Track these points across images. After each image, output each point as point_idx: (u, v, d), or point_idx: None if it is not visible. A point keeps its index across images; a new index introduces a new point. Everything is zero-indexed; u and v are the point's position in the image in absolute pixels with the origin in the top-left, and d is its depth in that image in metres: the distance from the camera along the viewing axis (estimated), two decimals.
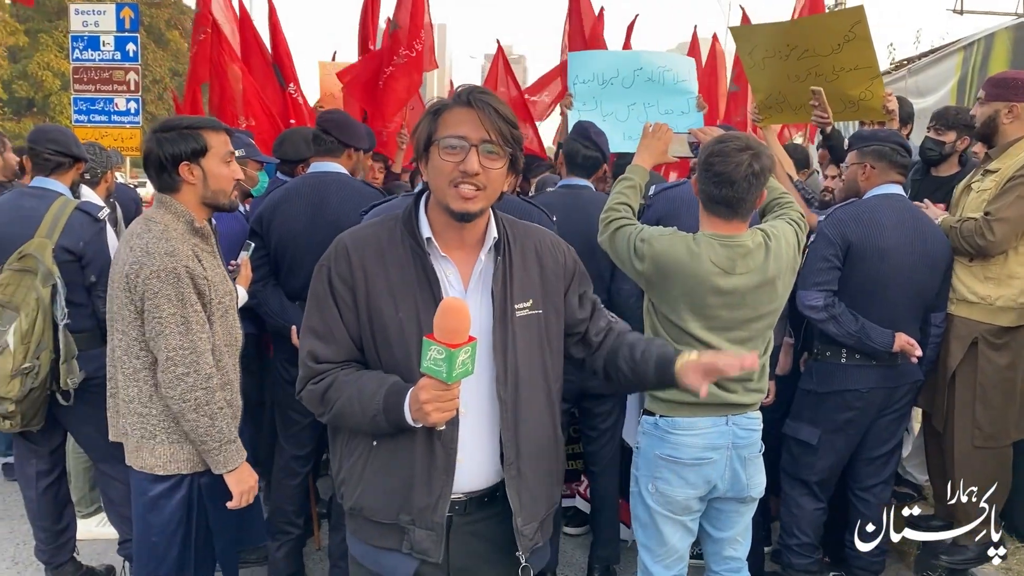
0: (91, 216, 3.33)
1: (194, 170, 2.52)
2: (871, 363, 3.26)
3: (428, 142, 1.80)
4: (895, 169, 3.35)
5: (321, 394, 1.85)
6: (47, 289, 3.15)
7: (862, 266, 3.22)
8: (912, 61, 10.10)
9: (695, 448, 2.63)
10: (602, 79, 4.93)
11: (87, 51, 10.36)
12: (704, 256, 2.54)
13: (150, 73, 29.40)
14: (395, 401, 1.73)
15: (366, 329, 1.84)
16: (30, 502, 3.55)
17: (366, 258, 1.84)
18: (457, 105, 1.78)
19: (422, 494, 1.83)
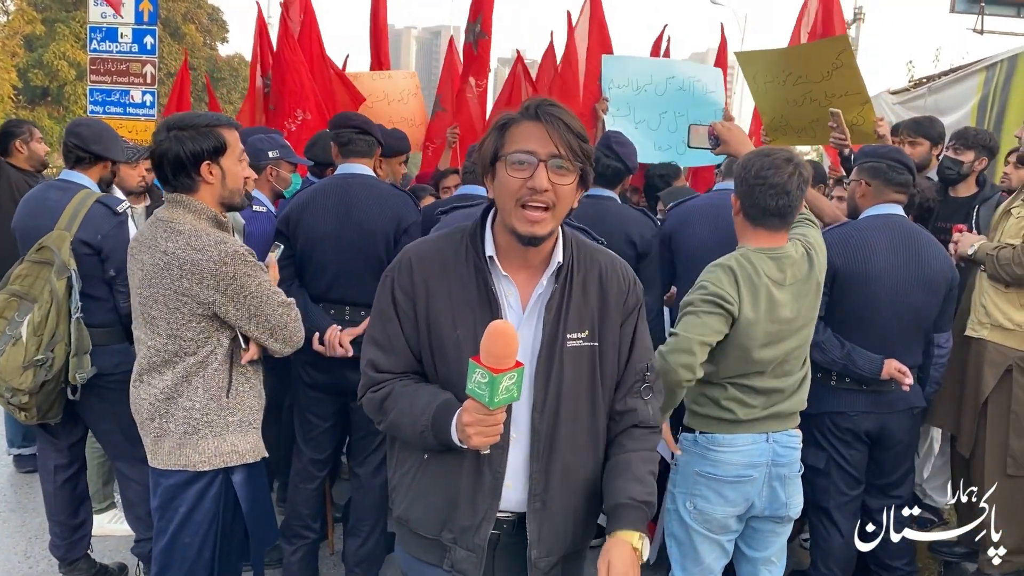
0: (111, 209, 3.29)
1: (214, 169, 2.49)
2: (861, 388, 3.20)
3: (494, 157, 1.75)
4: (892, 187, 3.25)
5: (380, 403, 1.84)
6: (62, 282, 3.13)
7: (850, 291, 3.15)
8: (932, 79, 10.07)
9: (736, 466, 2.61)
10: (636, 85, 4.92)
11: (104, 42, 10.35)
12: (760, 271, 2.55)
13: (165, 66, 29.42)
14: (443, 420, 1.71)
15: (425, 343, 1.82)
16: (48, 495, 3.54)
17: (429, 273, 1.81)
18: (525, 119, 1.72)
19: (466, 514, 1.81)
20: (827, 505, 3.30)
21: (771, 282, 2.57)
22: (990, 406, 3.43)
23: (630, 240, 3.42)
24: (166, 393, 2.48)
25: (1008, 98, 7.68)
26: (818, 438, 3.25)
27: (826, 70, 3.94)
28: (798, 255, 2.64)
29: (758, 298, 2.54)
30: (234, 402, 2.53)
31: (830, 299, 3.16)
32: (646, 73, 5.02)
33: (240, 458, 2.55)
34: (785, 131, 4.39)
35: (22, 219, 3.39)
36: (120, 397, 3.32)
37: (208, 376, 2.48)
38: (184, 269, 2.38)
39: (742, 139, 3.26)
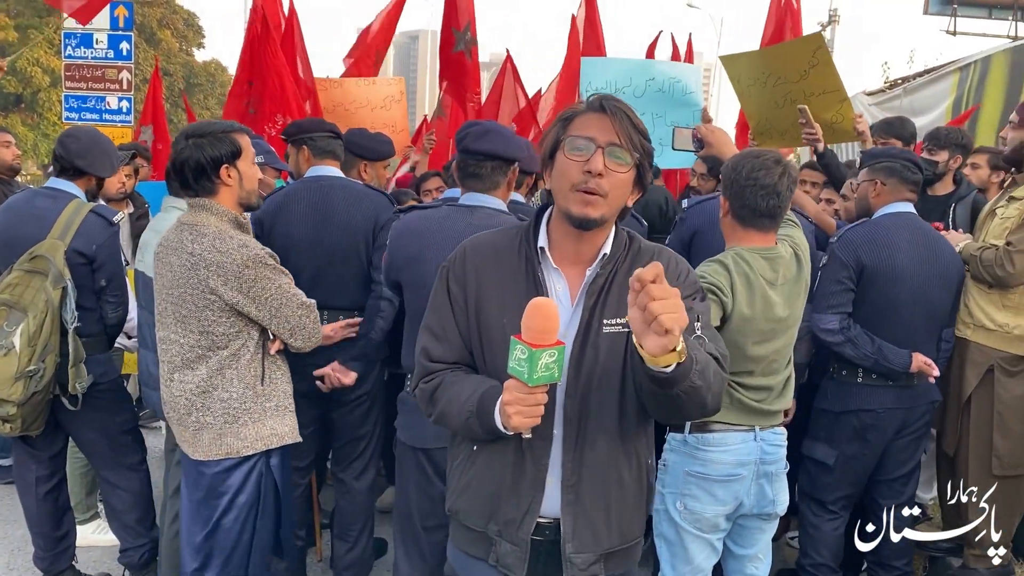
0: (106, 220, 3.28)
1: (231, 172, 2.62)
2: (887, 383, 3.24)
3: (555, 147, 1.77)
4: (906, 186, 3.33)
5: (431, 394, 1.86)
6: (57, 291, 3.10)
7: (876, 287, 3.21)
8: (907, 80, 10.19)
9: (726, 465, 2.63)
10: (615, 87, 4.92)
11: (80, 48, 10.26)
12: (755, 269, 2.58)
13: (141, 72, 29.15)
14: (488, 405, 1.72)
15: (474, 332, 1.85)
16: (28, 508, 3.48)
17: (481, 262, 1.86)
18: (589, 111, 1.75)
19: (510, 506, 1.82)
20: (823, 498, 3.35)
21: (765, 281, 2.60)
22: (973, 405, 3.48)
23: None
24: (201, 387, 2.59)
25: (982, 99, 7.80)
26: (835, 436, 3.30)
27: (803, 69, 3.95)
28: (788, 255, 2.69)
29: (754, 295, 2.57)
30: (269, 389, 2.67)
31: (856, 295, 3.21)
32: (625, 75, 5.01)
33: (280, 440, 2.68)
34: (771, 134, 4.40)
35: (8, 227, 3.31)
36: (105, 405, 3.33)
37: (242, 367, 2.61)
38: (210, 270, 2.51)
39: (726, 141, 3.30)
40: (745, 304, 2.56)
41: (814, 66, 3.92)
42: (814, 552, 3.39)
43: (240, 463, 2.62)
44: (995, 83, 7.69)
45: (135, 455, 3.49)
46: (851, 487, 3.34)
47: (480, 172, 2.80)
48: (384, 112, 5.99)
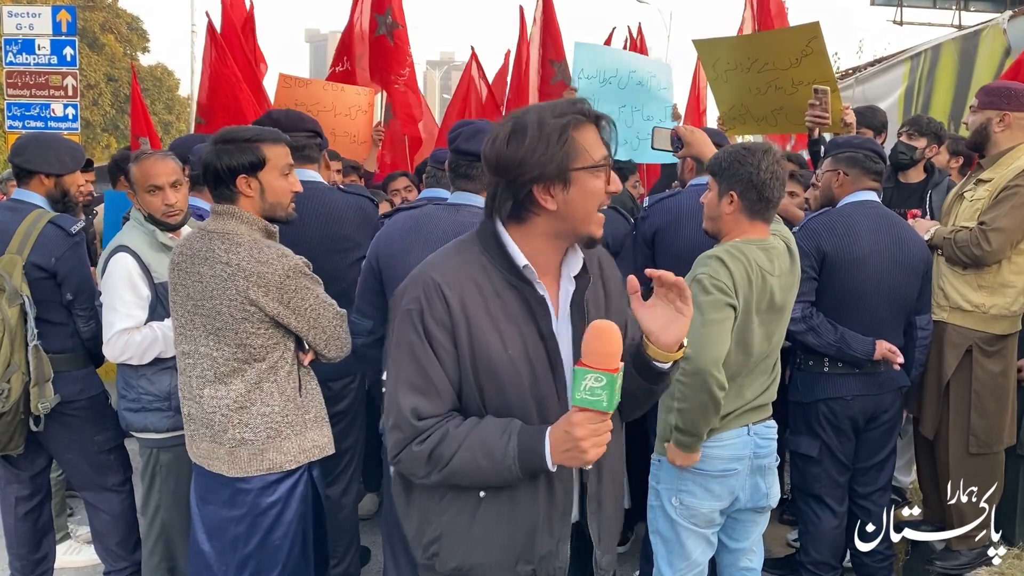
0: (64, 230, 3.14)
1: (251, 183, 2.51)
2: (853, 371, 3.27)
3: (566, 167, 1.65)
4: (869, 176, 3.36)
5: (429, 453, 1.67)
6: (14, 309, 2.99)
7: (838, 275, 3.23)
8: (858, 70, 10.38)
9: (721, 460, 2.64)
10: (603, 77, 4.89)
11: (21, 55, 10.01)
12: (752, 260, 2.59)
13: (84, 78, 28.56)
14: (532, 445, 1.62)
15: (468, 374, 1.69)
16: (8, 528, 3.39)
17: (464, 296, 1.68)
18: (588, 122, 1.69)
19: (544, 539, 1.75)
20: (818, 492, 3.36)
21: (764, 272, 2.61)
22: (952, 387, 3.52)
23: (603, 241, 3.40)
24: (239, 402, 2.49)
25: (933, 87, 7.96)
26: (813, 426, 3.31)
27: (795, 57, 3.94)
28: (781, 247, 2.71)
29: (753, 286, 2.57)
30: (307, 400, 2.62)
31: (819, 284, 3.23)
32: (613, 66, 5.00)
33: (320, 452, 2.64)
34: (744, 120, 4.41)
35: None
36: (84, 424, 3.22)
37: (281, 380, 2.54)
38: (251, 280, 2.41)
39: (705, 141, 3.32)
40: (749, 297, 2.57)
41: (807, 55, 3.93)
42: (813, 549, 3.40)
43: (284, 478, 2.55)
44: (945, 71, 7.84)
45: (116, 476, 3.36)
46: (840, 476, 3.36)
47: (472, 172, 2.78)
48: (347, 120, 5.88)
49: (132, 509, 3.42)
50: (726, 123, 4.50)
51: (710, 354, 2.46)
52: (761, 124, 4.34)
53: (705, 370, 2.44)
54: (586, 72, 4.88)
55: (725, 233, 2.70)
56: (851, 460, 3.37)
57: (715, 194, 2.70)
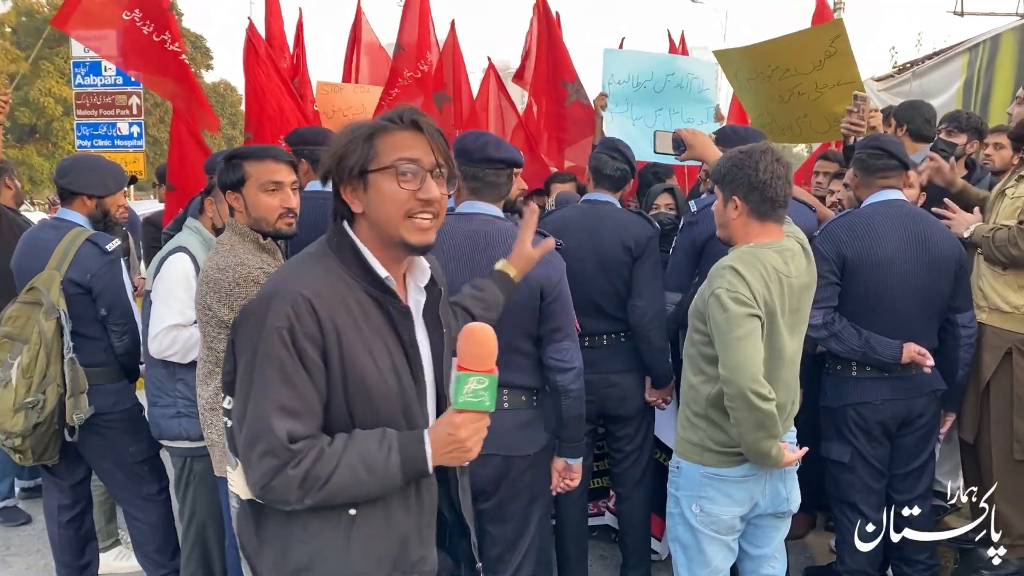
0: (100, 248, 3.26)
1: (237, 198, 2.66)
2: (883, 375, 3.19)
3: (364, 168, 1.65)
4: (875, 175, 3.26)
5: (303, 477, 1.59)
6: (51, 322, 3.11)
7: (861, 279, 3.15)
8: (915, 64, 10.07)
9: (742, 465, 2.59)
10: (636, 81, 4.87)
11: (89, 76, 10.34)
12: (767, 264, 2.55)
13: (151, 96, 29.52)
14: (413, 452, 1.63)
15: (338, 390, 1.64)
16: (52, 536, 3.52)
17: (334, 312, 1.63)
18: (401, 128, 1.67)
19: (416, 546, 1.76)
20: (853, 499, 3.29)
21: (780, 275, 2.57)
22: (992, 390, 3.40)
23: (625, 245, 3.39)
24: (210, 404, 2.63)
25: (993, 79, 7.68)
26: (843, 432, 3.24)
27: (818, 59, 3.84)
28: (796, 249, 2.66)
29: (773, 292, 2.53)
30: None
31: (842, 288, 3.17)
32: (647, 69, 4.97)
33: None
34: (770, 129, 4.32)
35: (17, 258, 3.38)
36: (119, 436, 3.33)
37: None
38: (208, 286, 2.55)
39: (707, 144, 3.29)
40: (772, 303, 2.53)
41: (831, 56, 3.82)
42: (851, 559, 3.32)
43: None
44: (1005, 62, 7.57)
45: (152, 485, 3.47)
46: (874, 482, 3.27)
47: (498, 180, 2.81)
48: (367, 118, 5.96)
49: (169, 517, 3.52)
50: None
51: (746, 372, 2.42)
52: (787, 133, 4.24)
53: (745, 389, 2.41)
54: (616, 78, 4.86)
55: (736, 239, 2.66)
56: (886, 466, 3.29)
57: (721, 201, 2.67)
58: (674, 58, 5.65)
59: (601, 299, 3.43)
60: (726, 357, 2.47)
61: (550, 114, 6.19)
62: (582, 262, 3.33)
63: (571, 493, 3.48)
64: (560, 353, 2.75)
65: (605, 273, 3.41)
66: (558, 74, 6.10)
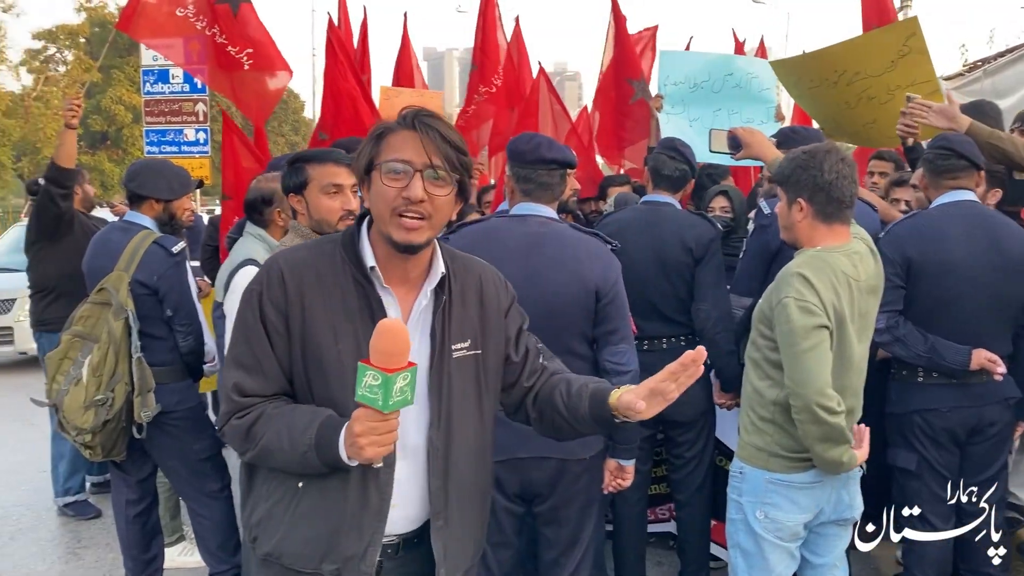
0: (166, 250, 3.34)
1: (299, 201, 2.69)
2: (951, 381, 3.08)
3: (369, 166, 1.71)
4: (942, 176, 3.16)
5: (247, 429, 1.68)
6: (119, 322, 3.20)
7: (927, 282, 3.05)
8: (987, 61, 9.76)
9: (809, 471, 2.54)
10: (693, 83, 4.84)
11: (157, 84, 10.60)
12: (836, 268, 2.49)
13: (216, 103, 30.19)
14: (329, 436, 1.60)
15: (298, 361, 1.71)
16: (120, 530, 3.61)
17: (304, 284, 1.71)
18: (402, 128, 1.69)
19: (351, 541, 1.70)
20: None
21: (849, 278, 2.50)
22: None
23: (686, 247, 3.34)
24: None
25: None
26: (909, 439, 3.15)
27: (890, 60, 3.71)
28: (864, 251, 2.60)
29: (842, 297, 2.47)
30: None
31: (907, 292, 3.08)
32: (704, 70, 4.93)
33: None
34: (837, 136, 4.21)
35: (88, 260, 3.48)
36: (183, 433, 3.40)
37: None
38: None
39: (764, 143, 3.23)
40: (841, 309, 2.47)
41: (904, 55, 3.70)
42: (919, 570, 3.21)
43: None
44: None
45: (215, 483, 3.54)
46: (942, 491, 3.16)
47: (552, 181, 2.79)
48: None
49: (231, 514, 3.58)
50: None
51: (813, 386, 2.37)
52: (855, 139, 4.12)
53: (811, 403, 2.37)
54: (672, 79, 4.82)
55: (803, 242, 2.60)
56: (955, 475, 3.17)
57: (785, 203, 2.61)
58: (733, 58, 5.58)
59: (660, 302, 3.39)
60: (793, 369, 2.42)
61: (614, 112, 6.17)
62: (641, 264, 3.29)
63: (629, 498, 3.48)
64: (617, 356, 2.72)
65: (665, 275, 3.37)
66: (624, 71, 6.07)
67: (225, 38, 5.33)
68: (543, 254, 2.65)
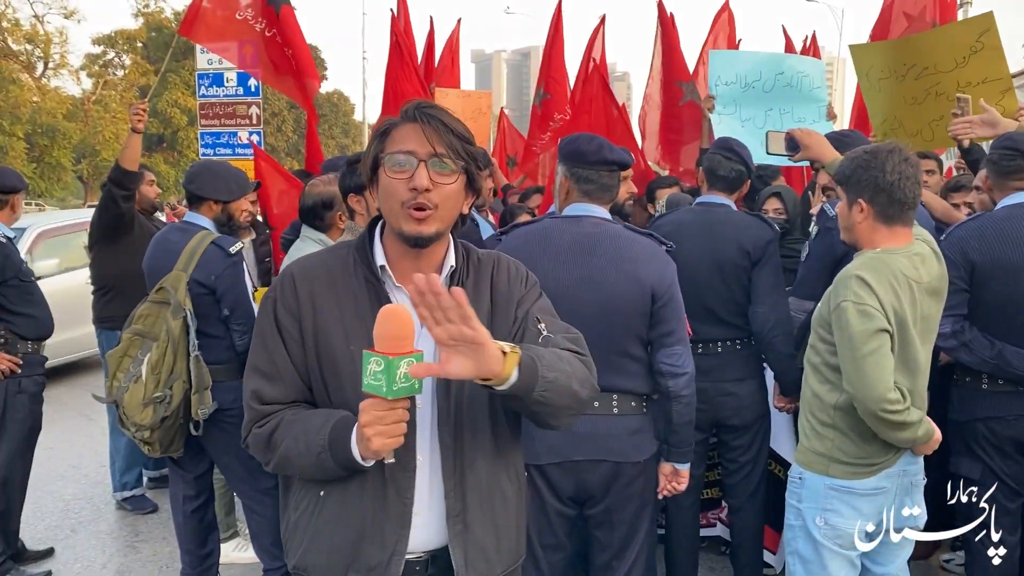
0: (224, 251, 3.39)
1: (360, 201, 2.72)
2: (1017, 389, 2.98)
3: (375, 164, 1.68)
4: (1008, 177, 3.07)
5: (267, 437, 1.67)
6: (177, 321, 3.25)
7: (993, 285, 2.95)
8: None
9: (872, 477, 2.48)
10: (744, 82, 4.79)
11: (212, 87, 10.78)
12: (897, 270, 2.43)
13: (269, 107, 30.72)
14: (342, 435, 1.57)
15: (313, 364, 1.69)
16: (178, 525, 3.68)
17: (314, 287, 1.71)
18: (404, 122, 1.66)
19: (374, 550, 1.65)
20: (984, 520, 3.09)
21: (910, 280, 2.45)
22: None
23: (744, 249, 3.29)
24: None
25: None
26: (972, 447, 3.06)
27: (962, 56, 3.63)
28: (926, 251, 2.53)
29: (903, 300, 2.41)
30: None
31: (971, 296, 2.99)
32: (755, 69, 4.88)
33: None
34: (897, 134, 4.12)
35: (148, 260, 3.55)
36: (239, 431, 3.43)
37: None
38: None
39: (823, 143, 3.16)
40: (902, 312, 2.41)
41: (977, 52, 3.62)
42: None
43: None
44: None
45: (270, 480, 3.55)
46: (1008, 502, 3.06)
47: (612, 183, 2.78)
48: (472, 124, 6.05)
49: None
50: (880, 138, 4.23)
51: (874, 391, 2.33)
52: (915, 139, 4.00)
53: (875, 408, 2.33)
54: (723, 79, 4.77)
55: (863, 243, 2.54)
56: (1022, 486, 3.07)
57: (845, 203, 2.56)
58: (784, 56, 5.51)
59: (717, 305, 3.34)
60: (853, 375, 2.37)
61: (664, 115, 6.13)
62: (697, 267, 3.25)
63: (682, 503, 3.44)
64: (672, 358, 2.69)
65: (722, 278, 3.32)
66: (673, 74, 6.03)
67: (281, 39, 5.43)
68: (599, 255, 2.63)
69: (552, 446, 2.57)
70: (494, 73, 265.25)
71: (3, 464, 3.95)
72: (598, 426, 2.62)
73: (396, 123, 1.67)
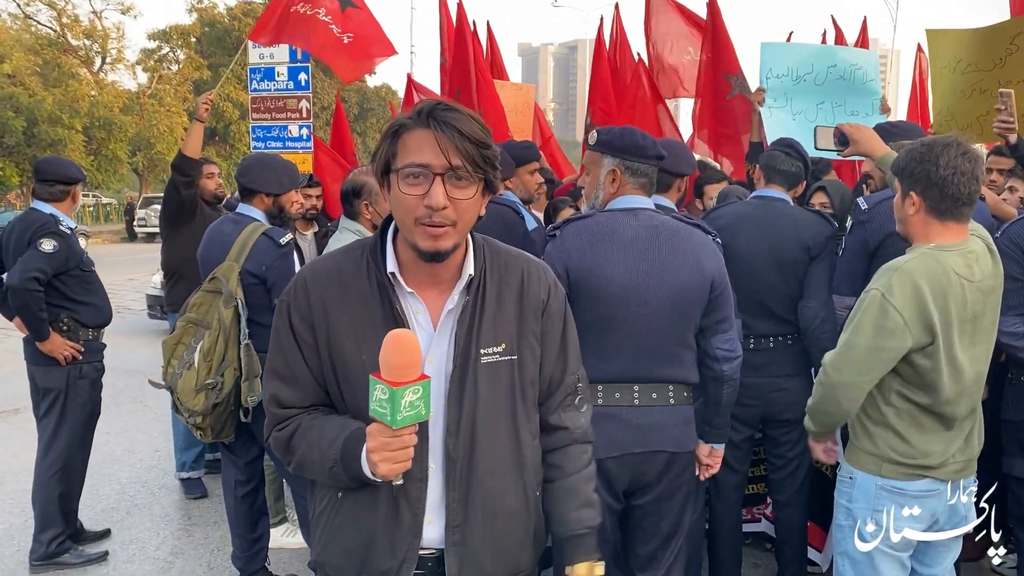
0: (275, 241, 3.48)
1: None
2: None
3: (387, 168, 1.60)
4: None
5: (286, 441, 1.68)
6: (229, 310, 3.34)
7: None
8: None
9: (925, 479, 2.45)
10: (796, 75, 4.72)
11: (263, 82, 10.90)
12: (948, 269, 2.37)
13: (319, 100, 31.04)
14: (353, 451, 1.55)
15: (328, 370, 1.67)
16: (229, 509, 3.77)
17: (327, 293, 1.66)
18: (417, 126, 1.56)
19: (384, 556, 1.65)
20: None
21: (962, 279, 2.38)
22: None
23: (804, 244, 3.26)
24: None
25: None
26: None
27: (998, 56, 3.60)
28: (980, 250, 2.47)
29: (951, 296, 2.35)
30: None
31: None
32: (807, 61, 4.80)
33: None
34: (949, 127, 4.06)
35: (202, 250, 3.65)
36: None
37: None
38: None
39: (873, 137, 3.11)
40: (947, 312, 2.35)
41: (1012, 54, 3.59)
42: None
43: None
44: None
45: None
46: None
47: (661, 179, 2.86)
48: (519, 117, 6.03)
49: None
50: (935, 128, 4.15)
51: (849, 393, 2.39)
52: (966, 133, 3.95)
53: (837, 392, 2.41)
54: (774, 72, 4.70)
55: (915, 237, 2.49)
56: None
57: (900, 195, 2.51)
58: (836, 49, 5.41)
59: (771, 299, 3.32)
60: (843, 352, 2.39)
61: (712, 108, 6.08)
62: (754, 260, 3.24)
63: (727, 499, 3.43)
64: (727, 343, 2.72)
65: (779, 272, 3.29)
66: (721, 67, 5.97)
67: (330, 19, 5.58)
68: (664, 247, 2.61)
69: (612, 440, 2.55)
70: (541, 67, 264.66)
71: (64, 447, 4.09)
72: (656, 417, 2.63)
73: (407, 125, 1.57)
